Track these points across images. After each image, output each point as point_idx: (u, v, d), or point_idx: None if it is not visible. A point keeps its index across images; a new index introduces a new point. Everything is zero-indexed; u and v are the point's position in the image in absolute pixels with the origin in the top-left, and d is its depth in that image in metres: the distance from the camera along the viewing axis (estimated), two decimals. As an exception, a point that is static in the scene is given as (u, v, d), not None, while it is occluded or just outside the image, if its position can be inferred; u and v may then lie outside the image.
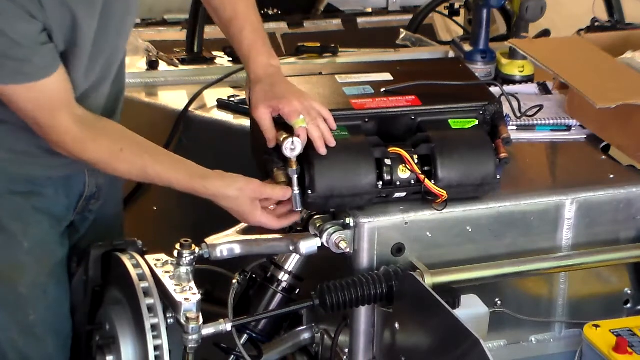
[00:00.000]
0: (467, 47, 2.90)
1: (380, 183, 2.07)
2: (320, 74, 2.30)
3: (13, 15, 1.93)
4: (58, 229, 2.26)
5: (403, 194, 2.10)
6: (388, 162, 2.07)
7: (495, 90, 2.28)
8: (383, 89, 2.21)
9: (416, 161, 2.07)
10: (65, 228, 2.29)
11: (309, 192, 2.05)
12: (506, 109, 2.26)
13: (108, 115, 2.22)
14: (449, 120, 2.15)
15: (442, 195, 2.06)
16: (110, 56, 2.20)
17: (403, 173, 2.08)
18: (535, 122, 2.48)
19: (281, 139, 2.05)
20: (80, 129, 2.04)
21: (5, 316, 2.21)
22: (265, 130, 2.09)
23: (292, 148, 2.04)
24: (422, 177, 2.07)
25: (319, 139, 2.04)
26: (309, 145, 2.05)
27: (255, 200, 2.07)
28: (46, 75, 2.00)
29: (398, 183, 2.08)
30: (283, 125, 2.08)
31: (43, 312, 2.23)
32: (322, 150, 2.04)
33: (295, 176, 2.06)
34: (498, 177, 2.11)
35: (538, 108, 2.46)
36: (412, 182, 2.08)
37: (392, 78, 2.26)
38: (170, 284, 2.02)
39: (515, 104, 2.36)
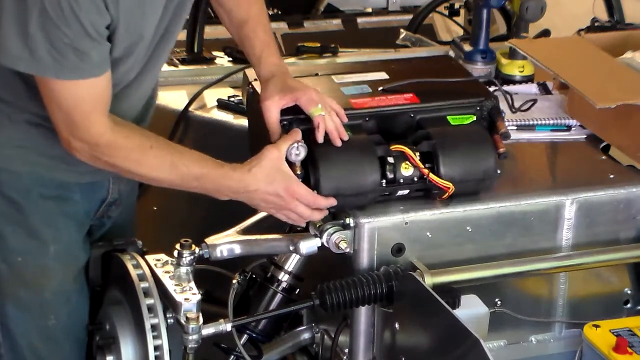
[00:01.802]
0: (467, 47, 2.90)
1: (384, 181, 2.07)
2: (317, 74, 2.31)
3: (89, 2, 1.90)
4: (82, 234, 2.25)
5: (406, 192, 2.10)
6: (391, 160, 2.07)
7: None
8: (380, 88, 2.22)
9: (418, 158, 2.08)
10: (86, 233, 2.28)
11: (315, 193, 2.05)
12: (503, 106, 2.27)
13: (139, 119, 2.23)
14: (448, 117, 2.15)
15: (448, 188, 2.07)
16: (156, 53, 2.19)
17: (406, 170, 2.08)
18: (536, 122, 2.48)
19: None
20: (113, 129, 2.02)
21: (27, 320, 2.20)
22: (269, 124, 2.09)
23: (297, 153, 2.04)
24: (425, 171, 2.07)
25: (334, 130, 2.06)
26: (312, 147, 2.06)
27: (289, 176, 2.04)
28: (98, 74, 1.98)
29: (401, 180, 2.08)
30: (285, 130, 2.09)
31: (64, 318, 2.22)
32: (338, 142, 2.06)
33: (300, 180, 2.06)
34: (498, 171, 2.12)
35: (532, 102, 2.47)
36: (415, 179, 2.09)
37: (387, 77, 2.27)
38: (170, 284, 2.02)
39: (508, 99, 2.37)
